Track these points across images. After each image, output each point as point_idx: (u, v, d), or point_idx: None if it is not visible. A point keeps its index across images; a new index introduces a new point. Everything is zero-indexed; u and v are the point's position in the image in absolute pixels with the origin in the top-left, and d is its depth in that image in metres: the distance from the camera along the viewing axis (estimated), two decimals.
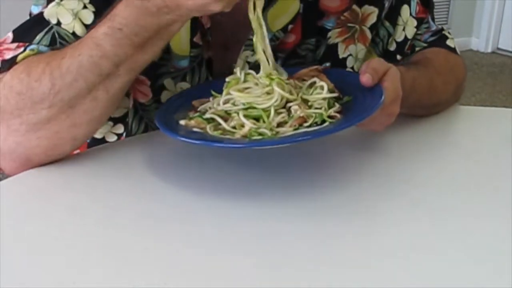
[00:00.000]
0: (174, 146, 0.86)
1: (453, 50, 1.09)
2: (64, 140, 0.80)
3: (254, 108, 0.77)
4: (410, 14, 1.04)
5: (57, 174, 0.82)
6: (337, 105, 0.79)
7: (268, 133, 0.74)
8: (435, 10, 1.10)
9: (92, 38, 0.75)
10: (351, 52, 1.03)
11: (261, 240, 0.69)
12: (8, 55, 0.81)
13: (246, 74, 0.81)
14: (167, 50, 0.92)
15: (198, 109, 0.83)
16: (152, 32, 0.75)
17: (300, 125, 0.75)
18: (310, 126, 0.75)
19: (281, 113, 0.77)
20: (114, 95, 0.78)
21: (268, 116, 0.76)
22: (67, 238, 0.68)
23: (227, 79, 0.83)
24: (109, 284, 0.60)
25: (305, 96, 0.79)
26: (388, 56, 1.06)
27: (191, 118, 0.79)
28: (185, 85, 0.94)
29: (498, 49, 4.46)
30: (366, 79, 0.79)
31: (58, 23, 0.83)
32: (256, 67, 0.86)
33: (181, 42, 0.92)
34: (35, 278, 0.61)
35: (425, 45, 1.07)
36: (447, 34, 1.10)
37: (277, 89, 0.77)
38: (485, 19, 4.44)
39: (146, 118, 0.96)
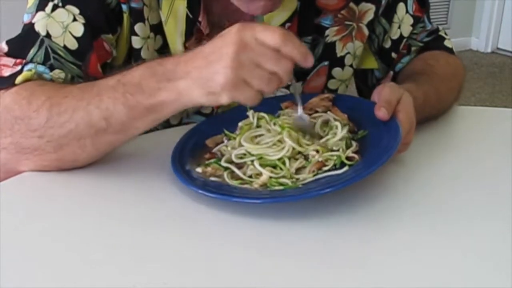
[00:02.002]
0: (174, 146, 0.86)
1: (451, 51, 1.09)
2: (50, 167, 0.81)
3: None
4: (407, 12, 1.04)
5: (57, 174, 0.82)
6: (354, 144, 0.79)
7: (289, 182, 0.74)
8: (434, 10, 1.11)
9: (99, 86, 0.75)
10: (349, 50, 1.03)
11: (261, 240, 0.69)
12: (6, 72, 0.82)
13: (259, 118, 0.82)
14: (164, 52, 0.92)
15: (213, 151, 0.83)
16: (147, 99, 0.72)
17: (319, 169, 0.75)
18: (329, 169, 0.75)
19: (297, 158, 0.77)
20: (99, 149, 0.79)
21: (283, 163, 0.76)
22: (67, 238, 0.68)
23: (240, 124, 0.83)
24: (109, 284, 0.60)
25: (322, 142, 0.79)
26: (383, 53, 1.06)
27: (207, 165, 0.79)
28: None
29: (498, 49, 4.45)
30: (382, 114, 0.78)
31: (48, 36, 0.84)
32: None
33: (176, 43, 0.92)
34: (35, 278, 0.61)
35: (421, 44, 1.07)
36: (443, 34, 1.11)
37: (288, 141, 0.77)
38: (485, 19, 4.44)
39: None
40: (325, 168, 0.75)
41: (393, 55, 1.06)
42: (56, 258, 0.64)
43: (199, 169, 0.79)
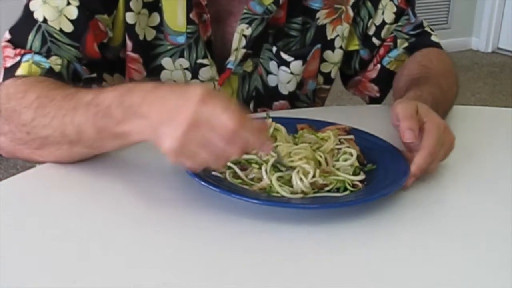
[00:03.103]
0: None
1: (438, 45, 1.10)
2: (38, 161, 0.83)
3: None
4: (391, 0, 1.06)
5: (57, 174, 0.82)
6: (362, 174, 0.79)
7: (288, 193, 0.74)
8: (434, 10, 1.11)
9: (77, 98, 0.76)
10: (338, 32, 1.05)
11: (261, 241, 0.69)
12: (8, 63, 0.86)
13: (276, 129, 0.82)
14: (161, 30, 0.94)
15: None
16: (114, 127, 0.72)
17: (321, 188, 0.76)
18: (330, 190, 0.76)
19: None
20: (74, 158, 0.81)
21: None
22: (67, 238, 0.68)
23: None
24: (109, 284, 0.60)
25: (335, 164, 0.80)
26: (366, 39, 1.07)
27: None
28: (183, 62, 0.96)
29: (499, 48, 4.45)
30: (408, 137, 0.77)
31: (45, 21, 0.87)
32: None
33: (177, 18, 0.94)
34: (35, 278, 0.61)
35: (406, 37, 1.08)
36: (429, 29, 1.12)
37: (306, 166, 0.76)
38: (485, 19, 4.44)
39: None
40: (326, 188, 0.76)
41: (375, 41, 1.07)
42: (56, 258, 0.64)
43: None
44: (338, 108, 1.13)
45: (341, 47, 1.05)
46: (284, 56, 1.01)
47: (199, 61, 0.96)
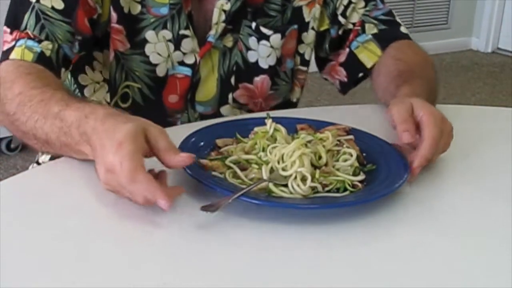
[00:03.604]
0: None
1: (408, 37, 1.13)
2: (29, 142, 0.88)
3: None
4: None
5: (57, 174, 0.82)
6: (362, 174, 0.79)
7: (287, 191, 0.74)
8: (434, 10, 1.12)
9: (48, 107, 0.81)
10: (313, 14, 1.09)
11: (261, 241, 0.69)
12: (5, 47, 0.93)
13: (276, 130, 0.82)
14: (144, 4, 0.99)
15: (221, 150, 0.84)
16: (75, 145, 0.78)
17: (322, 188, 0.76)
18: (330, 190, 0.76)
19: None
20: (53, 154, 0.86)
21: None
22: (67, 238, 0.68)
23: (256, 129, 0.84)
24: (109, 284, 0.60)
25: (335, 164, 0.80)
26: (334, 18, 1.11)
27: (211, 160, 0.80)
28: (166, 34, 1.00)
29: (498, 49, 4.44)
30: (406, 138, 0.80)
31: (37, 0, 0.93)
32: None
33: None
34: (35, 278, 0.61)
35: (375, 22, 1.11)
36: (397, 19, 1.14)
37: (302, 171, 0.76)
38: (485, 19, 4.43)
39: (126, 67, 1.02)
40: (326, 189, 0.76)
41: (341, 19, 1.10)
42: (56, 258, 0.64)
43: (203, 161, 0.79)
44: (338, 108, 1.12)
45: (313, 28, 1.10)
46: (264, 30, 1.05)
47: (182, 32, 1.01)
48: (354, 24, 1.11)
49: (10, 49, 0.92)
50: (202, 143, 0.85)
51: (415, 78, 0.98)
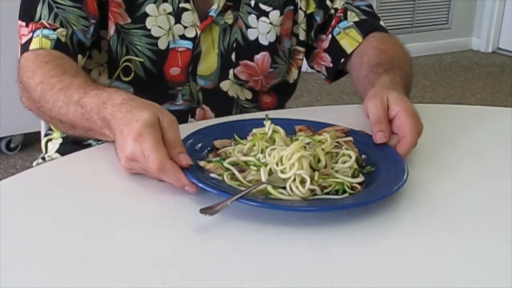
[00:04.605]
0: None
1: (387, 31, 1.15)
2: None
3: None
4: None
5: (57, 174, 0.82)
6: (361, 176, 0.79)
7: (286, 194, 0.74)
8: (435, 10, 1.12)
9: (69, 94, 0.86)
10: None
11: (260, 242, 0.69)
12: (23, 40, 0.99)
13: (274, 131, 0.82)
14: None
15: (219, 152, 0.84)
16: (99, 129, 0.83)
17: (320, 190, 0.76)
18: (329, 192, 0.76)
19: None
20: (78, 136, 0.95)
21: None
22: (67, 238, 0.68)
23: (254, 130, 0.84)
24: (109, 284, 0.60)
25: (334, 166, 0.80)
26: (320, 1, 1.13)
27: (209, 161, 0.80)
28: (167, 7, 1.03)
29: (499, 49, 4.44)
30: (379, 139, 0.85)
31: None
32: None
33: None
34: (35, 278, 0.61)
35: (357, 11, 1.13)
36: (377, 14, 1.17)
37: (301, 173, 0.76)
38: (486, 19, 4.43)
39: (127, 41, 1.04)
40: (325, 191, 0.76)
41: (328, 3, 1.13)
42: (56, 258, 0.64)
43: (201, 163, 0.79)
44: (338, 108, 1.13)
45: (301, 8, 1.12)
46: (263, 6, 1.09)
47: (182, 5, 1.04)
48: (336, 10, 1.13)
49: (29, 41, 0.97)
50: (200, 145, 0.85)
51: (395, 68, 1.01)
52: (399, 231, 0.72)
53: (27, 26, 0.99)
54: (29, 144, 2.58)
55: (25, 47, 0.98)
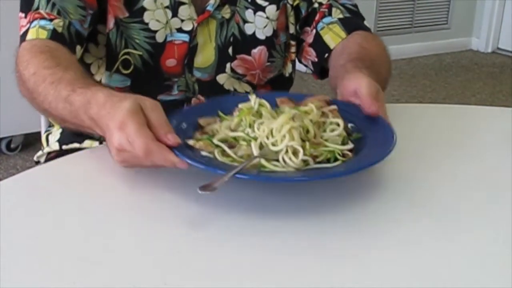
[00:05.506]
0: None
1: (370, 31, 1.16)
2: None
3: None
4: None
5: (57, 174, 0.82)
6: (350, 143, 0.80)
7: (280, 165, 0.74)
8: (434, 10, 1.12)
9: (59, 91, 0.86)
10: None
11: (261, 239, 0.69)
12: (22, 31, 1.00)
13: (260, 105, 0.82)
14: None
15: (205, 130, 0.83)
16: (88, 127, 0.83)
17: (313, 159, 0.76)
18: (320, 162, 0.76)
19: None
20: (72, 128, 0.92)
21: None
22: (67, 238, 0.68)
23: (240, 106, 0.84)
24: (109, 284, 0.60)
25: (323, 135, 0.80)
26: None
27: (198, 140, 0.80)
28: (164, 1, 1.04)
29: (499, 49, 4.45)
30: (373, 111, 0.84)
31: None
32: None
33: None
34: (35, 278, 0.61)
35: (342, 8, 1.14)
36: (361, 13, 1.18)
37: (293, 144, 0.76)
38: (485, 19, 4.43)
39: (125, 35, 1.04)
40: (317, 160, 0.76)
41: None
42: (56, 258, 0.64)
43: (190, 142, 0.79)
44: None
45: (288, 2, 1.13)
46: (260, 1, 1.10)
47: None
48: (321, 4, 1.14)
49: (26, 31, 0.98)
50: (184, 124, 0.84)
51: (375, 66, 1.00)
52: (399, 231, 0.72)
53: (26, 17, 1.00)
54: (29, 145, 2.59)
55: (22, 37, 0.99)
